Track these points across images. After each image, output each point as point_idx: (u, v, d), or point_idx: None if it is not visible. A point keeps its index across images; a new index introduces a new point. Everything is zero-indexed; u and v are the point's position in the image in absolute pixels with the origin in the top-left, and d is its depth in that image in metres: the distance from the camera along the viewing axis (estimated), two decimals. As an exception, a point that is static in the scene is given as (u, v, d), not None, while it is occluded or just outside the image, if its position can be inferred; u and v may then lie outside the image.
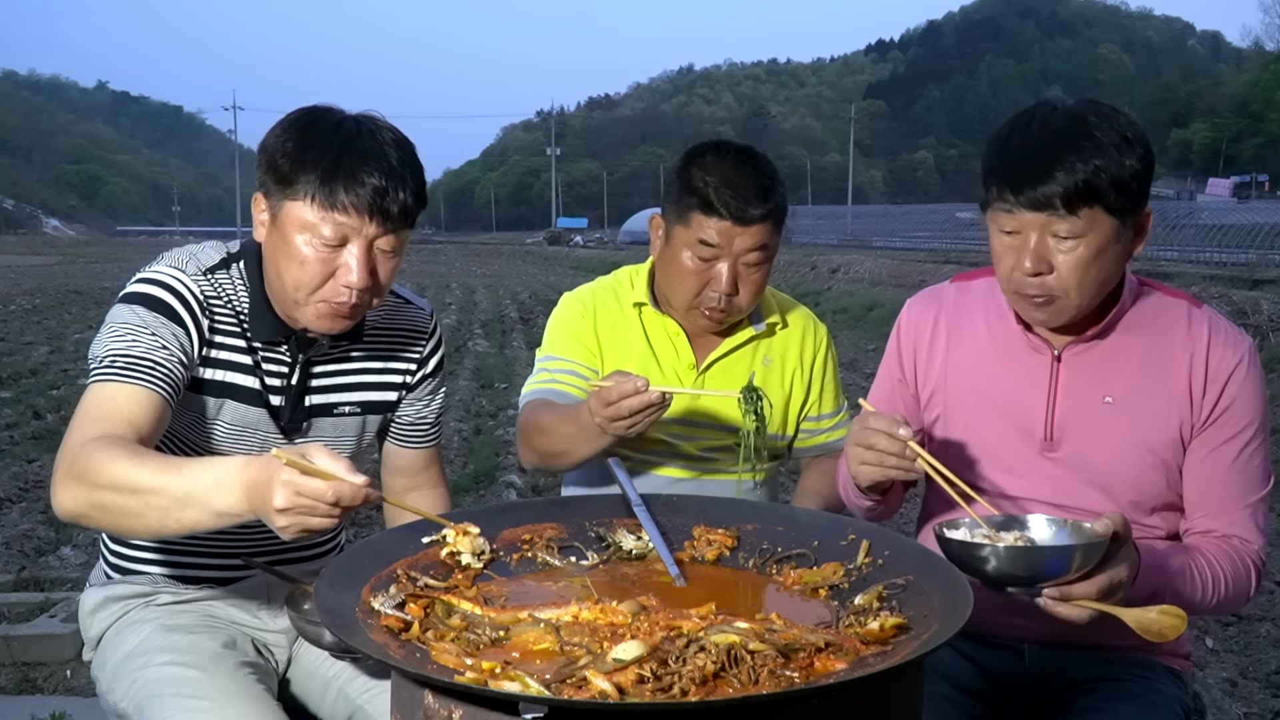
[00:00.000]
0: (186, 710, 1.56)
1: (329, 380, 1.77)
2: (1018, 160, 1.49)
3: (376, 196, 1.53)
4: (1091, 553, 1.31)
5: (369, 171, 1.53)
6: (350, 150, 1.54)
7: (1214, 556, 1.56)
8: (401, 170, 1.56)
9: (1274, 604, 4.12)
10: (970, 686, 1.72)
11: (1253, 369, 1.61)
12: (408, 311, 1.88)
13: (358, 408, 1.80)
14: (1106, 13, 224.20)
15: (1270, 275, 17.17)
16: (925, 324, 1.78)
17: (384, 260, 1.60)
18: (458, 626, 1.23)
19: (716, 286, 1.95)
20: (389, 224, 1.56)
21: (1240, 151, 74.46)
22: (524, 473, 5.95)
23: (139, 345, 1.55)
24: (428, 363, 1.88)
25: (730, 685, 1.05)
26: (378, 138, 1.57)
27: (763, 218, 1.93)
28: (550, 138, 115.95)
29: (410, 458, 1.95)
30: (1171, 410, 1.60)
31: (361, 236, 1.56)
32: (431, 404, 1.92)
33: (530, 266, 34.24)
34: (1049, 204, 1.46)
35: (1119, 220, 1.49)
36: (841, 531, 1.46)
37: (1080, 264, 1.49)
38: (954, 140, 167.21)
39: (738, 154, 1.97)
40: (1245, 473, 1.60)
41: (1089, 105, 1.52)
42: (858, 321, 14.87)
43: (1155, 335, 1.62)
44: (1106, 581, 1.33)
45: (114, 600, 1.78)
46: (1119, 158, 1.46)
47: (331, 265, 1.57)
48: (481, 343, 12.20)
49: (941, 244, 34.58)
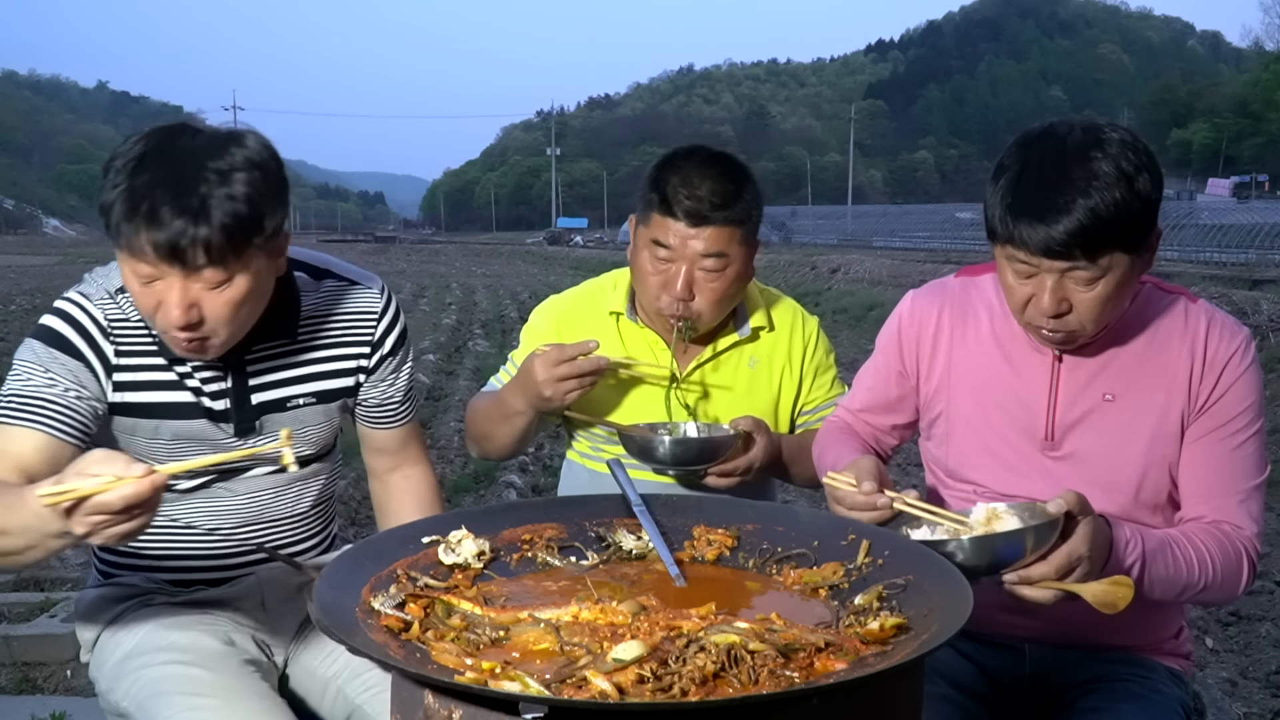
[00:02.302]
0: (192, 708, 1.55)
1: (275, 376, 1.71)
2: (1031, 207, 1.44)
3: (172, 241, 1.39)
4: (1044, 533, 1.33)
5: (169, 212, 1.39)
6: (151, 189, 1.40)
7: (1200, 539, 1.54)
8: (206, 207, 1.40)
9: (1274, 604, 4.13)
10: (970, 686, 1.72)
11: (1250, 358, 1.60)
12: (353, 294, 1.80)
13: (313, 398, 1.75)
14: (1106, 13, 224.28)
15: (1270, 275, 17.18)
16: (929, 318, 1.76)
17: (212, 297, 1.46)
18: (458, 626, 1.23)
19: (671, 290, 1.93)
20: (197, 265, 1.42)
21: (1240, 152, 74.47)
22: (524, 473, 5.96)
23: (31, 384, 1.55)
24: (383, 343, 1.81)
25: (730, 685, 1.05)
26: (196, 169, 1.41)
27: (719, 222, 1.89)
28: (550, 138, 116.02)
29: (386, 438, 1.92)
30: (1171, 403, 1.60)
31: (171, 277, 1.44)
32: (397, 383, 1.86)
33: (530, 266, 34.23)
34: (1068, 253, 1.44)
35: (1134, 254, 1.48)
36: (841, 531, 1.45)
37: (1099, 303, 1.49)
38: (954, 140, 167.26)
39: (707, 157, 1.94)
40: (1238, 460, 1.59)
41: (1094, 136, 1.46)
42: (858, 321, 14.87)
43: (1154, 331, 1.62)
44: (1064, 559, 1.34)
45: (108, 601, 1.78)
46: (1131, 191, 1.42)
47: (155, 301, 1.47)
48: (481, 343, 12.20)
49: (941, 244, 34.60)
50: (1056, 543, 1.34)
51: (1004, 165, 1.51)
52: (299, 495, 1.84)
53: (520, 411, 1.97)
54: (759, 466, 1.96)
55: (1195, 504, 1.61)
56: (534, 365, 1.88)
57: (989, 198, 1.51)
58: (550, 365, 1.86)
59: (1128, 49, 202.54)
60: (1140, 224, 1.45)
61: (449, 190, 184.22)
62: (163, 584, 1.80)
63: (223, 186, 1.41)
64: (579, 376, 1.86)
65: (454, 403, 7.94)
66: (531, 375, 1.88)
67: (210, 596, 1.81)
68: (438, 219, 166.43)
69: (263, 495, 1.79)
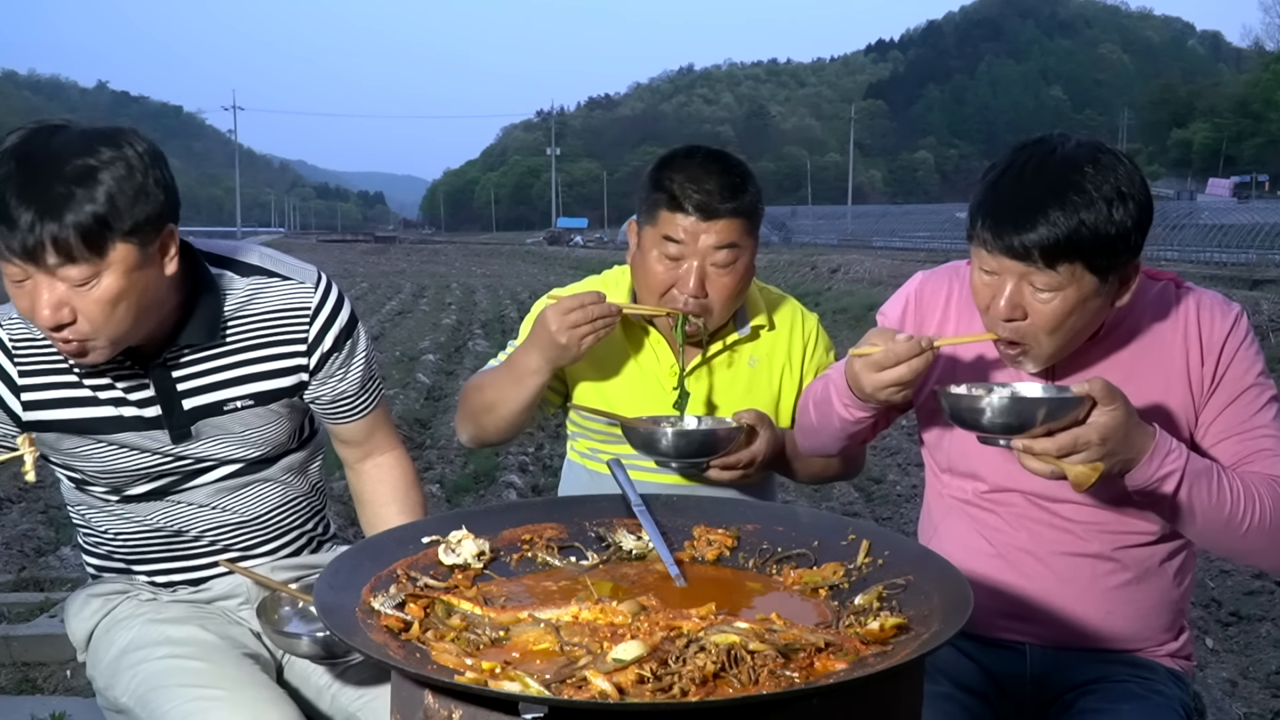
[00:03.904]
0: (195, 699, 1.55)
1: (204, 380, 1.66)
2: (1002, 205, 1.45)
3: (22, 237, 1.37)
4: (1057, 408, 1.37)
5: (19, 208, 1.36)
6: (4, 188, 1.37)
7: (1250, 479, 1.51)
8: (61, 203, 1.37)
9: (1274, 604, 4.12)
10: (972, 686, 1.72)
11: (1245, 330, 1.59)
12: (279, 289, 1.71)
13: (250, 399, 1.69)
14: (1106, 13, 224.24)
15: (1270, 275, 17.20)
16: (938, 300, 1.75)
17: (81, 296, 1.42)
18: (458, 626, 1.23)
19: (684, 287, 1.92)
20: (51, 264, 1.39)
21: (1240, 151, 74.42)
22: (524, 473, 5.96)
23: None
24: (323, 340, 1.73)
25: (730, 685, 1.05)
26: (50, 166, 1.38)
27: (729, 213, 1.90)
28: (550, 138, 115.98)
29: (350, 430, 1.88)
30: (1171, 392, 1.59)
31: (36, 276, 1.41)
32: (348, 377, 1.79)
33: (530, 266, 34.23)
34: (1027, 255, 1.43)
35: (1100, 278, 1.46)
36: (841, 531, 1.45)
37: (1054, 316, 1.47)
38: (954, 140, 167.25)
39: (707, 155, 1.96)
40: (1263, 423, 1.57)
41: (1090, 152, 1.46)
42: (858, 321, 14.86)
43: (1146, 321, 1.61)
44: (1069, 440, 1.36)
45: (96, 598, 1.78)
46: (1108, 213, 1.41)
47: (28, 303, 1.44)
48: (481, 343, 12.19)
49: (941, 244, 34.59)
50: (1070, 424, 1.36)
51: (994, 166, 1.51)
52: (259, 496, 1.80)
53: (535, 370, 1.93)
54: (762, 460, 1.96)
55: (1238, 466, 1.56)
56: (547, 316, 1.88)
57: (973, 196, 1.52)
58: (563, 313, 1.85)
59: (1128, 49, 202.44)
60: (1110, 249, 1.43)
61: (449, 190, 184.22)
62: (145, 585, 1.79)
63: (78, 184, 1.38)
64: (592, 322, 1.86)
65: (454, 403, 7.92)
66: (546, 327, 1.87)
67: (195, 597, 1.80)
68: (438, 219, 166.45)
69: (218, 498, 1.76)
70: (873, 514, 5.29)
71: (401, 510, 1.89)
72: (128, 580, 1.80)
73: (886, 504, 5.46)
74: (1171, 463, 1.43)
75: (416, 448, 6.64)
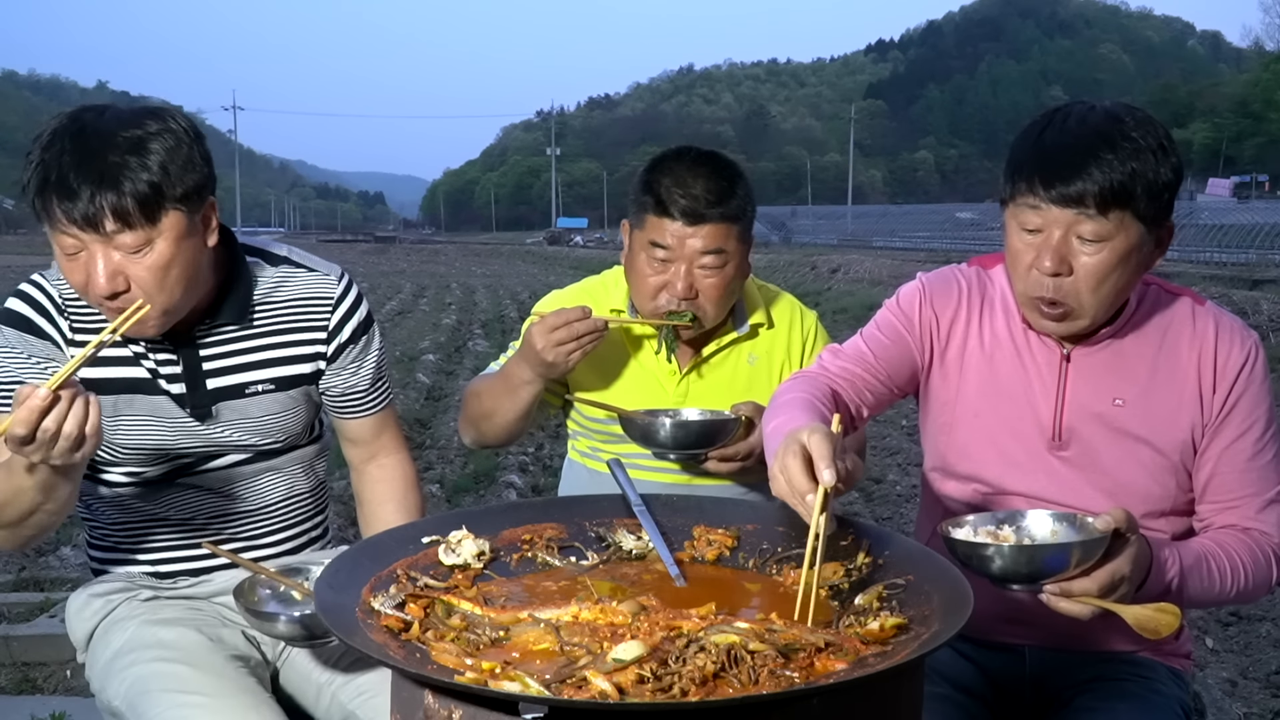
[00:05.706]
0: (179, 705, 1.56)
1: (229, 361, 1.72)
2: (1053, 155, 1.46)
3: (83, 207, 1.44)
4: (1091, 549, 1.30)
5: (77, 180, 1.44)
6: (61, 162, 1.45)
7: (1234, 549, 1.54)
8: (117, 172, 1.45)
9: (1274, 604, 4.12)
10: (970, 687, 1.72)
11: (1260, 364, 1.60)
12: (305, 279, 1.80)
13: (271, 384, 1.75)
14: (1106, 13, 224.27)
15: (1270, 275, 17.19)
16: (948, 303, 1.72)
17: (135, 263, 1.50)
18: (458, 626, 1.23)
19: (672, 291, 1.93)
20: (109, 231, 1.47)
21: (1240, 151, 74.39)
22: (524, 473, 5.96)
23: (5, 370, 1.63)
24: (342, 330, 1.81)
25: (730, 685, 1.05)
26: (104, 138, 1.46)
27: (716, 218, 1.90)
28: (550, 138, 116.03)
29: (356, 428, 1.91)
30: (1182, 412, 1.59)
31: (92, 245, 1.48)
32: (360, 371, 1.85)
33: (530, 266, 34.22)
34: (1080, 201, 1.43)
35: (1146, 228, 1.47)
36: (841, 531, 1.45)
37: (1101, 269, 1.47)
38: (954, 140, 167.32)
39: (697, 157, 1.96)
40: (1260, 467, 1.59)
41: (1125, 108, 1.50)
42: (858, 321, 14.76)
43: (1162, 334, 1.61)
44: (1107, 577, 1.32)
45: (97, 598, 1.78)
46: (1155, 164, 1.44)
47: (84, 275, 1.51)
48: (481, 343, 12.19)
49: (941, 244, 34.58)
50: (1100, 560, 1.31)
51: (1029, 129, 1.52)
52: (267, 486, 1.84)
53: (527, 381, 1.95)
54: (760, 452, 1.96)
55: (1223, 513, 1.61)
56: (532, 334, 1.89)
57: (1009, 159, 1.52)
58: (547, 331, 1.86)
59: (1128, 49, 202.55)
60: (1158, 198, 1.45)
61: (449, 190, 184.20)
62: (146, 578, 1.80)
63: (132, 154, 1.46)
64: (578, 339, 1.86)
65: (454, 403, 7.93)
66: (532, 345, 1.88)
67: (195, 590, 1.81)
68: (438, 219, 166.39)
69: (226, 487, 1.79)
70: (873, 514, 5.29)
71: (398, 509, 1.91)
72: (128, 576, 1.80)
73: (886, 504, 5.46)
74: (1171, 568, 1.44)
75: (416, 448, 6.64)
